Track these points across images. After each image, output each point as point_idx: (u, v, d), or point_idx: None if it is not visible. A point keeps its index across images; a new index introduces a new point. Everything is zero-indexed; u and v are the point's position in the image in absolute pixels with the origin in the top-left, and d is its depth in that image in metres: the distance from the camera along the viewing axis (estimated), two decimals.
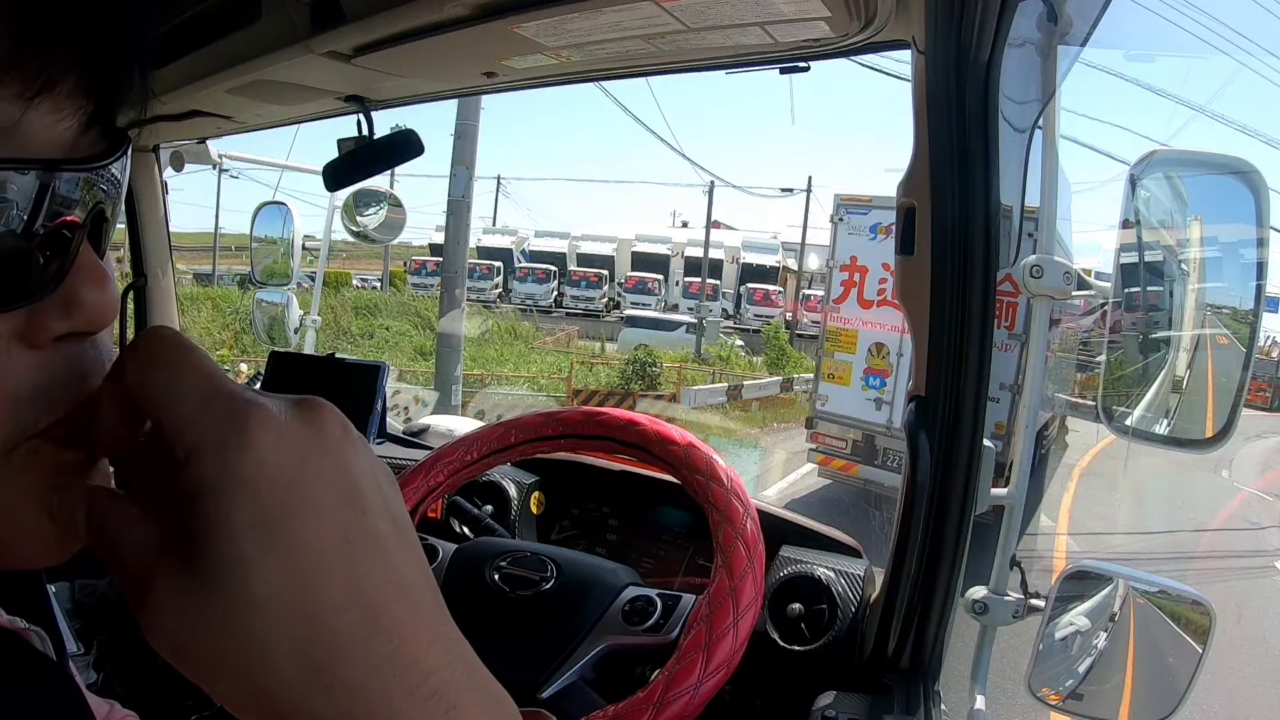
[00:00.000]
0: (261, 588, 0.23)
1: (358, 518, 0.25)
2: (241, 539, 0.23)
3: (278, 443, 0.24)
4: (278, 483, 0.23)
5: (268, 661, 0.23)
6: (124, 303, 1.93)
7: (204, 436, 0.24)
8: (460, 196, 7.08)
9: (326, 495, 0.24)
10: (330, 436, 0.26)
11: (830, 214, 7.49)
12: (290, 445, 0.24)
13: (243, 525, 0.23)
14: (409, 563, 0.26)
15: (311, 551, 0.24)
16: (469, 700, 0.26)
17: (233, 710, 0.25)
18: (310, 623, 0.23)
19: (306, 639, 0.23)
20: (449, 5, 0.83)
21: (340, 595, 0.24)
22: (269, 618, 0.23)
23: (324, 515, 0.24)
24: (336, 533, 0.24)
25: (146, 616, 0.24)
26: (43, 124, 0.27)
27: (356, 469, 0.26)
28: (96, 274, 0.29)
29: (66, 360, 0.29)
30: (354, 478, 0.25)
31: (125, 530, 0.25)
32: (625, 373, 14.19)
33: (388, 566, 0.25)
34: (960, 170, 0.75)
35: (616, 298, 26.63)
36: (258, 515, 0.23)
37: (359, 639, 0.24)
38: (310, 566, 0.23)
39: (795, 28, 0.83)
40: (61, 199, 0.28)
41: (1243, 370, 0.77)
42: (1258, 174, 0.73)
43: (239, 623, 0.23)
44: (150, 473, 0.25)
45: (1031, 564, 0.88)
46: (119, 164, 0.31)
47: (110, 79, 0.30)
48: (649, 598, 0.86)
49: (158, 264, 1.94)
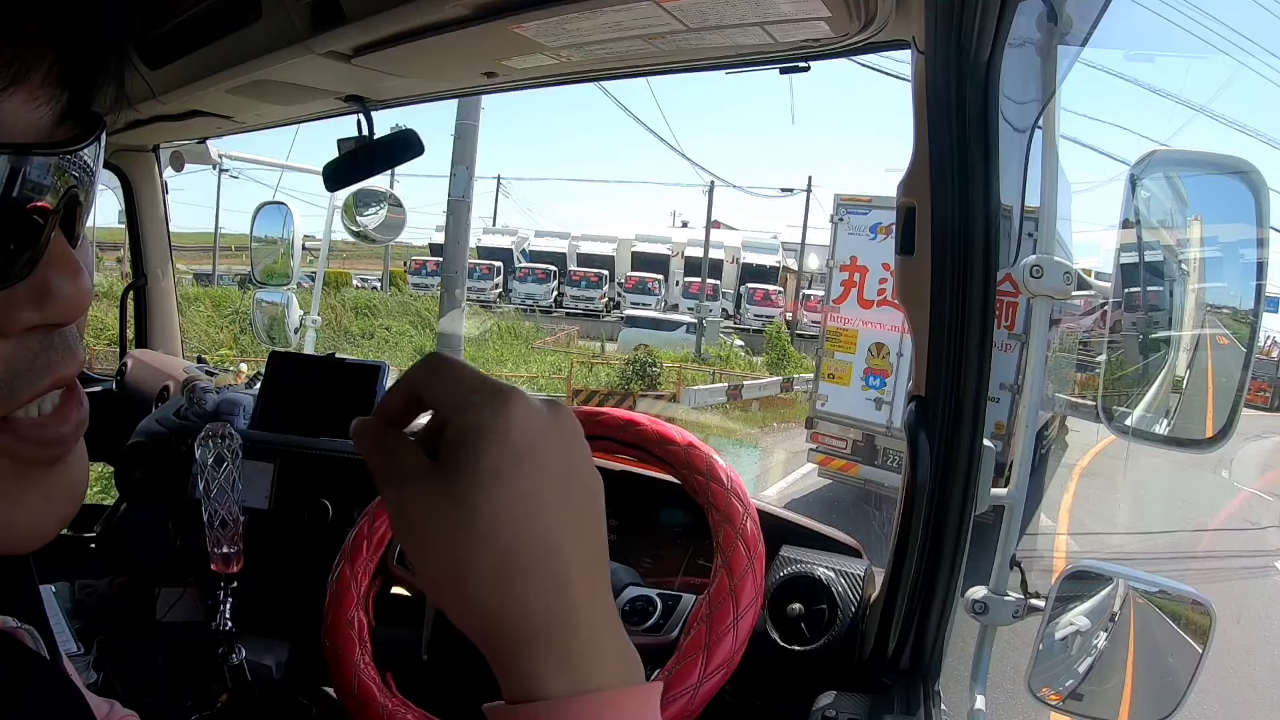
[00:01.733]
0: (487, 506, 0.31)
1: (563, 482, 0.33)
2: (485, 472, 0.31)
3: (525, 417, 0.32)
4: (519, 443, 0.32)
5: (472, 562, 0.31)
6: (124, 303, 1.93)
7: (477, 405, 0.32)
8: (460, 196, 7.07)
9: (549, 461, 0.32)
10: (563, 424, 0.34)
11: (830, 214, 7.49)
12: (533, 421, 0.32)
13: (489, 463, 0.31)
14: (591, 527, 0.34)
15: (527, 495, 0.32)
16: (605, 638, 0.33)
17: (432, 593, 0.33)
18: (509, 543, 0.31)
19: (504, 552, 0.31)
20: (449, 5, 0.83)
21: (536, 531, 0.32)
22: (484, 530, 0.31)
23: (543, 473, 0.32)
24: (548, 488, 0.32)
25: (401, 510, 0.33)
26: (16, 112, 0.27)
27: (573, 450, 0.34)
28: (70, 265, 0.29)
29: (33, 351, 0.29)
30: (570, 455, 0.34)
31: (403, 453, 0.34)
32: (625, 373, 14.19)
33: (575, 523, 0.33)
34: (960, 170, 0.75)
35: (616, 298, 26.63)
36: (500, 460, 0.31)
37: (538, 567, 0.32)
38: (522, 505, 0.31)
39: (795, 28, 0.83)
40: (33, 184, 0.28)
41: (1243, 370, 0.77)
42: (1258, 174, 0.73)
43: (464, 527, 0.31)
44: (429, 434, 0.34)
45: (1031, 564, 0.88)
46: (91, 150, 0.31)
47: (85, 69, 0.30)
48: (649, 598, 0.86)
49: (158, 264, 1.94)
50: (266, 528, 1.24)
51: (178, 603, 1.33)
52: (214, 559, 1.07)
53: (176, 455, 1.28)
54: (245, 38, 1.01)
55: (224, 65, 1.10)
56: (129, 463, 1.33)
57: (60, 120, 0.29)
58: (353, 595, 0.89)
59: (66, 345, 0.31)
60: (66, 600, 1.40)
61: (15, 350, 0.29)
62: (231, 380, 1.61)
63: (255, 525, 1.17)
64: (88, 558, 1.62)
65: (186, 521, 1.27)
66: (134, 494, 1.42)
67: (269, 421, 1.37)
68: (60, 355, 0.30)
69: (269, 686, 1.21)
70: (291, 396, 1.38)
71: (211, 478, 1.06)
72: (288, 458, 1.29)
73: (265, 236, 1.99)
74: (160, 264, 1.94)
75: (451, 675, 0.84)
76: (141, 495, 1.40)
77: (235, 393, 1.43)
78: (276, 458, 1.29)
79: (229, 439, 1.08)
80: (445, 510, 0.31)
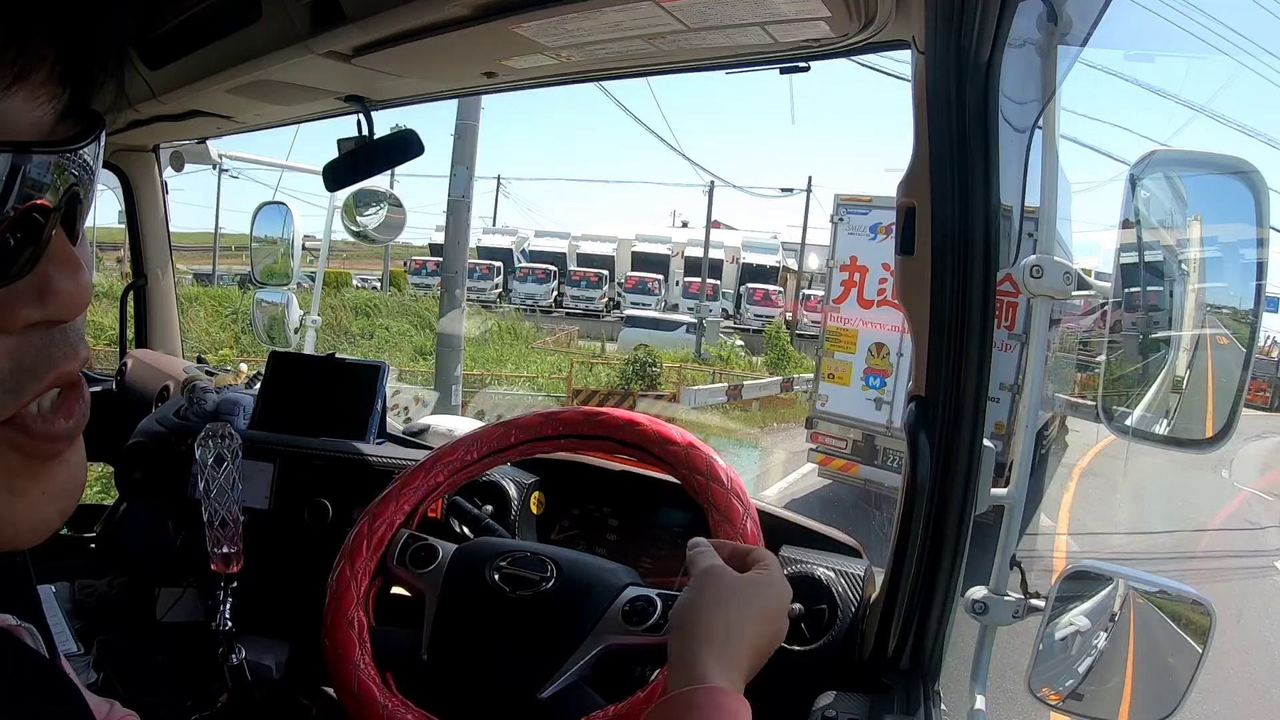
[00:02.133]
0: (689, 612, 0.63)
1: (732, 613, 0.62)
2: (699, 595, 0.64)
3: (719, 579, 0.65)
4: (718, 591, 0.64)
5: (682, 633, 0.62)
6: (124, 303, 1.93)
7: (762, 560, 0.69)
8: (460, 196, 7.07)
9: (728, 600, 0.64)
10: (780, 586, 0.68)
11: (830, 214, 7.49)
12: (725, 582, 0.65)
13: (702, 597, 0.64)
14: (738, 644, 0.61)
15: (712, 612, 0.62)
16: (739, 677, 0.60)
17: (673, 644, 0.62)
18: (696, 632, 0.61)
19: (691, 633, 0.61)
20: (449, 5, 0.83)
21: (711, 633, 0.61)
22: (691, 621, 0.62)
23: (722, 607, 0.63)
24: (723, 614, 0.62)
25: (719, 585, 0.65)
26: (18, 110, 0.28)
27: (781, 597, 0.68)
28: (70, 262, 0.30)
29: (36, 347, 0.30)
30: (781, 599, 0.68)
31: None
32: (625, 373, 14.19)
33: (731, 640, 0.61)
34: (960, 170, 0.75)
35: (616, 298, 26.62)
36: (709, 597, 0.64)
37: (702, 650, 0.59)
38: (708, 616, 0.62)
39: (795, 28, 0.83)
40: (33, 182, 0.28)
41: (1243, 370, 0.77)
42: (1258, 174, 0.72)
43: (689, 613, 0.63)
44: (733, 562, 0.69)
45: (1031, 564, 0.88)
46: (91, 149, 0.31)
47: (85, 68, 0.30)
48: (649, 598, 0.86)
49: (158, 264, 1.94)
50: (266, 528, 1.24)
51: (178, 603, 1.33)
52: (214, 559, 1.07)
53: (176, 455, 1.28)
54: (245, 38, 1.01)
55: (224, 65, 1.10)
56: (129, 463, 1.33)
57: (61, 119, 0.30)
58: (353, 595, 0.89)
59: (68, 341, 0.31)
60: (66, 600, 1.40)
61: (18, 346, 0.29)
62: (231, 380, 1.61)
63: (255, 525, 1.17)
64: (88, 557, 1.62)
65: (186, 521, 1.27)
66: (134, 494, 1.42)
67: (269, 421, 1.37)
68: (62, 351, 0.31)
69: (269, 686, 1.21)
70: (291, 396, 1.38)
71: (211, 478, 1.06)
72: (288, 458, 1.29)
73: (265, 236, 1.99)
74: (160, 264, 1.94)
75: (451, 675, 0.84)
76: (141, 495, 1.40)
77: (235, 393, 1.43)
78: (276, 458, 1.29)
79: (229, 439, 1.08)
80: (683, 604, 0.64)
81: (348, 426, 1.34)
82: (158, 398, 1.63)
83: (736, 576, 0.66)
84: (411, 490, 0.98)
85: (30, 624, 0.39)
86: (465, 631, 0.86)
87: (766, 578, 0.66)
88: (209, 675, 1.12)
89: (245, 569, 1.09)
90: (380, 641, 0.88)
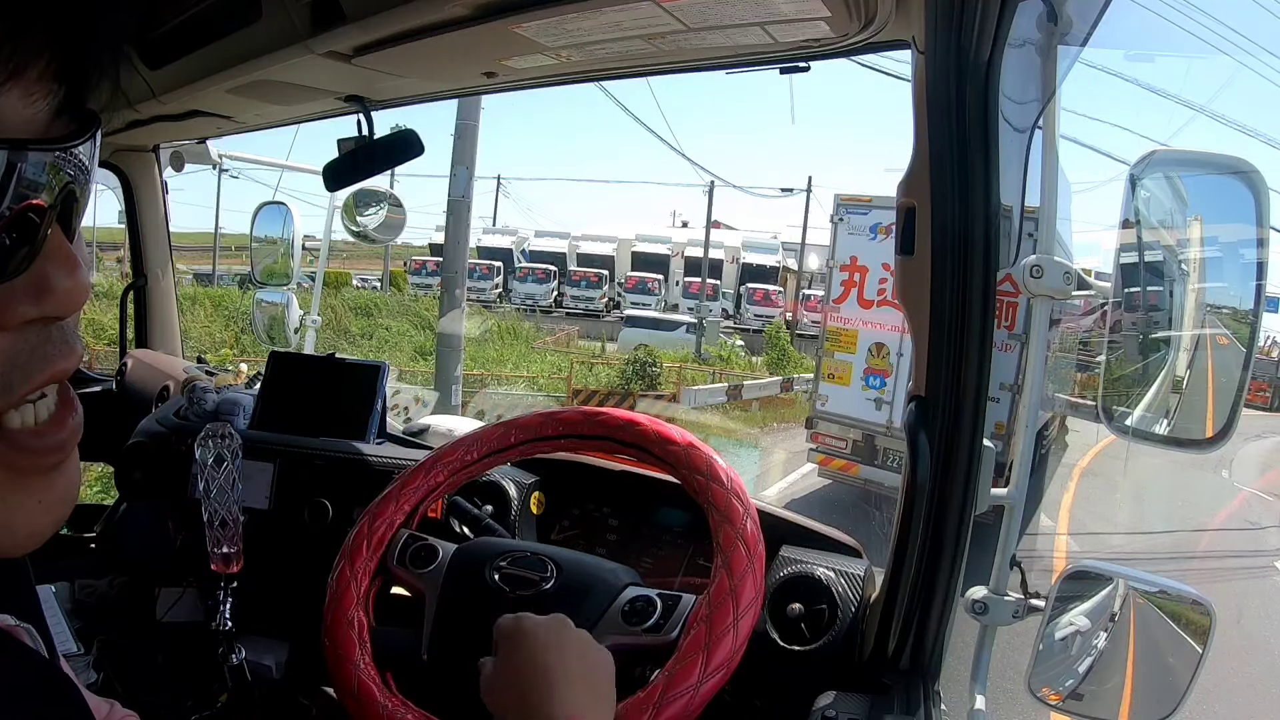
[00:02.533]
0: (506, 668, 0.70)
1: (556, 659, 0.68)
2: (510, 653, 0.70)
3: (535, 631, 0.71)
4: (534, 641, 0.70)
5: (500, 691, 0.69)
6: (124, 303, 1.93)
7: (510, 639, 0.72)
8: (460, 196, 7.07)
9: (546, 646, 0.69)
10: (552, 630, 0.72)
11: (830, 214, 7.49)
12: (543, 631, 0.71)
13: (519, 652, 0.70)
14: (576, 689, 0.66)
15: (530, 662, 0.68)
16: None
17: (490, 707, 0.68)
18: (519, 685, 0.67)
19: (515, 688, 0.67)
20: (449, 5, 0.83)
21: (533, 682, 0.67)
22: (509, 676, 0.69)
23: (541, 654, 0.68)
24: (542, 661, 0.68)
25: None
26: (13, 107, 0.27)
27: (564, 640, 0.71)
28: (68, 260, 0.30)
29: (31, 345, 0.30)
30: (562, 643, 0.71)
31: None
32: (625, 373, 14.19)
33: (563, 684, 0.66)
34: (960, 170, 0.75)
35: (616, 298, 26.61)
36: (524, 652, 0.69)
37: (530, 700, 0.65)
38: (527, 666, 0.68)
39: (795, 28, 0.83)
40: (29, 181, 0.28)
41: (1243, 370, 0.77)
42: (1258, 174, 0.72)
43: (504, 673, 0.70)
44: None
45: (1031, 564, 0.88)
46: (87, 147, 0.31)
47: (82, 65, 0.30)
48: (649, 598, 0.86)
49: (158, 264, 1.94)
50: (266, 528, 1.24)
51: (178, 603, 1.33)
52: (214, 559, 1.07)
53: (176, 455, 1.28)
54: (245, 38, 1.01)
55: (224, 65, 1.10)
56: (129, 463, 1.33)
57: (56, 116, 0.29)
58: (353, 595, 0.89)
59: (64, 339, 0.31)
60: (66, 600, 1.40)
61: (13, 343, 0.29)
62: (231, 380, 1.61)
63: (255, 525, 1.17)
64: (88, 558, 1.62)
65: (186, 521, 1.27)
66: (134, 494, 1.42)
67: (269, 421, 1.37)
68: (58, 349, 0.31)
69: (269, 686, 1.21)
70: (291, 396, 1.38)
71: (211, 478, 1.06)
72: (288, 458, 1.29)
73: (265, 236, 1.99)
74: (160, 264, 1.94)
75: (451, 675, 0.84)
76: (141, 495, 1.40)
77: (235, 393, 1.43)
78: (276, 458, 1.29)
79: (229, 439, 1.08)
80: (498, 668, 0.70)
81: (348, 426, 1.34)
82: (158, 398, 1.63)
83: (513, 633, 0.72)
84: (411, 490, 0.98)
85: (29, 624, 0.39)
86: (465, 631, 0.86)
87: (528, 625, 0.72)
88: (209, 675, 1.12)
89: (245, 569, 1.09)
90: (380, 641, 0.88)
